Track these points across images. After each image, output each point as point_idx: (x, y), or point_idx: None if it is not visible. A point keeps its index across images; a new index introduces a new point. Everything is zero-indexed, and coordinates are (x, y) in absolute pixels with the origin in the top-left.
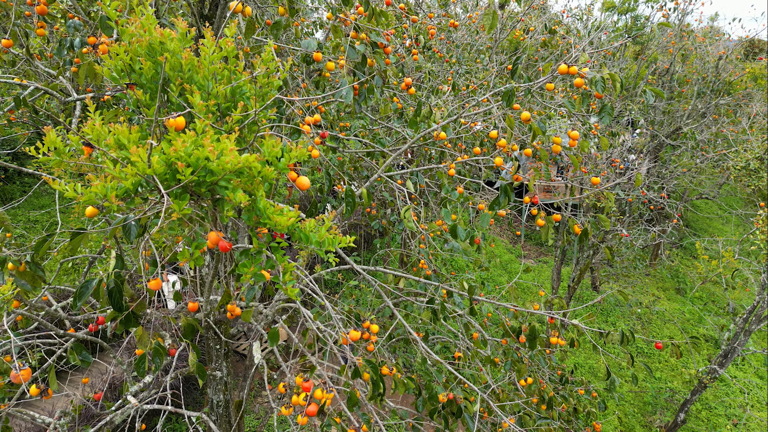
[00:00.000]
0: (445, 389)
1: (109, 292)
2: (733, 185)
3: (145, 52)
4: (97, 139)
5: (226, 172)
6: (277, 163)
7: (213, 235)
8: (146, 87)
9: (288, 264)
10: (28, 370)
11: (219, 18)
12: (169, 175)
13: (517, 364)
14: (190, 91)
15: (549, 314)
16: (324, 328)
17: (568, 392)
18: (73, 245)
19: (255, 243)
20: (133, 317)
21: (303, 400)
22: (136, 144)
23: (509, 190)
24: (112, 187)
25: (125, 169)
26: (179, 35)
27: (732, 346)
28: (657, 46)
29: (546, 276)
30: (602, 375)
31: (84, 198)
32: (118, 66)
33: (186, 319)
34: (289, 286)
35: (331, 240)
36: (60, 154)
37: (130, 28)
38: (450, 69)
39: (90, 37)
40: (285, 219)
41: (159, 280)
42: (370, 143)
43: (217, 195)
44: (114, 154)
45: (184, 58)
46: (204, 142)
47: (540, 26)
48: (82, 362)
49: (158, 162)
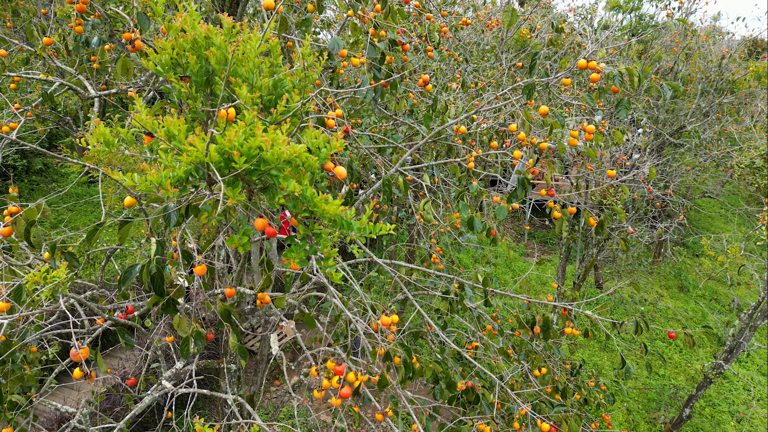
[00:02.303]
0: (462, 378)
1: (151, 278)
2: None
3: (190, 47)
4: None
5: (280, 162)
6: (318, 153)
7: (260, 221)
8: (192, 80)
9: (331, 250)
10: (86, 348)
11: (240, 15)
12: (222, 164)
13: (531, 355)
14: (236, 83)
15: (563, 305)
16: (353, 317)
17: (579, 383)
18: (121, 234)
19: (301, 229)
20: (172, 303)
21: (336, 383)
22: (185, 134)
23: (526, 183)
24: (166, 176)
25: (179, 157)
26: (225, 30)
27: (737, 342)
28: (661, 45)
29: (550, 273)
30: (607, 372)
31: (141, 187)
32: (163, 60)
33: (222, 305)
34: (333, 270)
35: (372, 227)
36: (109, 146)
37: (175, 24)
38: (458, 67)
39: (125, 33)
40: (333, 207)
41: (204, 265)
42: (383, 138)
43: (267, 183)
44: (164, 146)
45: (230, 54)
46: (256, 132)
47: (546, 25)
48: (126, 345)
49: (214, 151)
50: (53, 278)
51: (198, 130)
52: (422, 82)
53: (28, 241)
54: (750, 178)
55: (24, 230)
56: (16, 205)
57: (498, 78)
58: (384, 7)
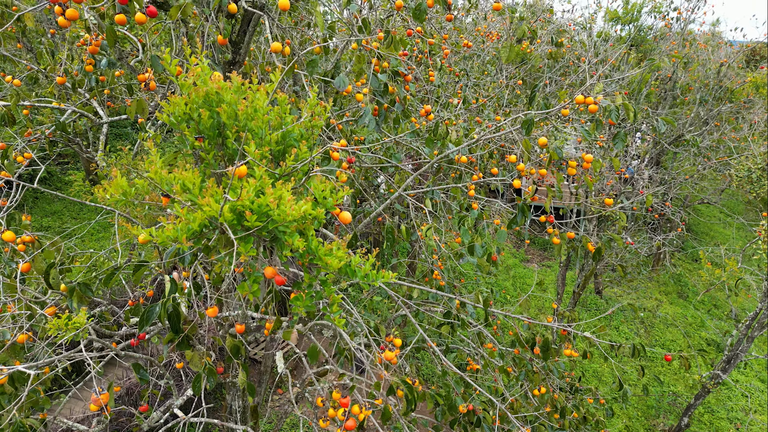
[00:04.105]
0: (463, 400)
1: (168, 317)
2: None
3: (202, 101)
4: (159, 180)
5: (286, 221)
6: (325, 203)
7: (269, 269)
8: (204, 133)
9: (335, 296)
10: (106, 394)
11: (246, 44)
12: (235, 221)
13: (531, 374)
14: (246, 139)
15: (562, 327)
16: (357, 346)
17: (578, 401)
18: (136, 277)
19: (306, 277)
20: (186, 340)
21: (341, 415)
22: (199, 188)
23: (526, 210)
24: (182, 230)
25: (194, 215)
26: (234, 87)
27: (735, 352)
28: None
29: (550, 280)
30: (606, 378)
31: (159, 240)
32: (177, 114)
33: (231, 340)
34: (336, 316)
35: (375, 275)
36: (126, 196)
37: (188, 81)
38: (458, 82)
39: (140, 75)
40: (335, 261)
41: (216, 308)
42: (384, 158)
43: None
44: (180, 197)
45: (240, 110)
46: (266, 191)
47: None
48: (141, 380)
49: (227, 210)
50: (74, 324)
51: (211, 182)
52: (424, 112)
53: (47, 282)
54: (748, 187)
55: (44, 272)
56: (30, 235)
57: (499, 93)
58: (387, 37)
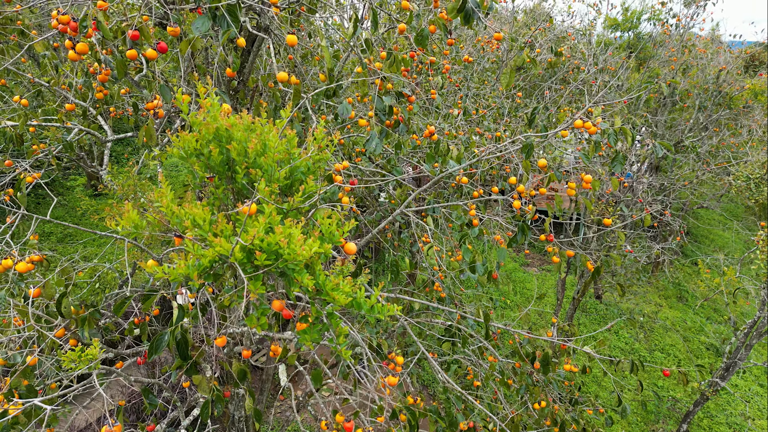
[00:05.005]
0: (464, 416)
1: (177, 344)
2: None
3: (212, 137)
4: (170, 214)
5: (296, 261)
6: (332, 237)
7: (277, 302)
8: (214, 169)
9: (342, 328)
10: (119, 426)
11: (251, 63)
12: (245, 259)
13: (531, 388)
14: (255, 175)
15: (562, 341)
16: (360, 370)
17: (578, 413)
18: (145, 306)
19: (314, 310)
20: (194, 366)
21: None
22: (210, 224)
23: (526, 229)
24: (193, 266)
25: (205, 252)
26: (244, 125)
27: (733, 360)
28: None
29: (550, 284)
30: (606, 383)
31: (171, 278)
32: (188, 150)
33: (238, 365)
34: (343, 348)
35: (381, 308)
36: (138, 229)
37: (199, 118)
38: (459, 92)
39: (148, 103)
40: (343, 298)
41: (225, 337)
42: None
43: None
44: (190, 233)
45: (250, 148)
46: (275, 229)
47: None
48: (150, 405)
49: (237, 251)
50: (88, 356)
51: (220, 217)
52: (428, 133)
53: (59, 311)
54: (747, 193)
55: (57, 301)
56: (39, 254)
57: (499, 103)
58: (389, 57)
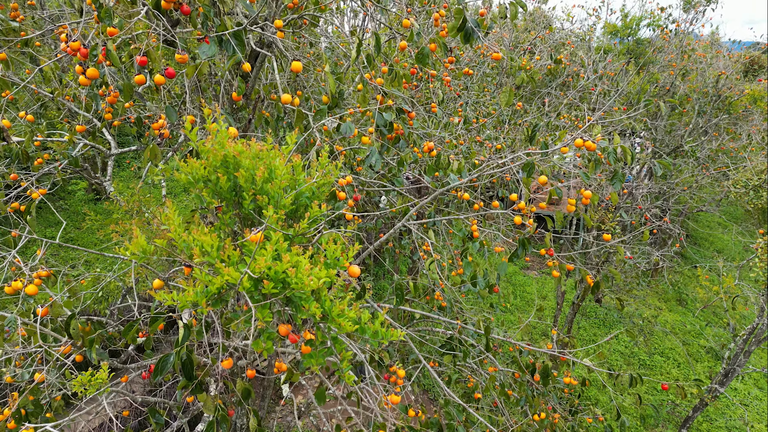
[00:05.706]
0: (465, 429)
1: (182, 365)
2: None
3: (220, 164)
4: (178, 240)
5: (303, 290)
6: (337, 263)
7: (283, 328)
8: (222, 195)
9: (346, 353)
10: None
11: (254, 78)
12: (253, 288)
13: (531, 400)
14: (262, 201)
15: (561, 354)
16: (364, 386)
17: (577, 423)
18: (152, 329)
19: (319, 335)
20: (200, 386)
21: None
22: (217, 249)
23: (527, 244)
24: (201, 292)
25: (214, 279)
26: (252, 153)
27: (732, 367)
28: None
29: (550, 288)
30: (607, 385)
31: (180, 305)
32: (195, 176)
33: (242, 384)
34: (347, 372)
35: (385, 333)
36: (146, 253)
37: (207, 146)
38: (459, 100)
39: (154, 123)
40: (348, 324)
41: (231, 360)
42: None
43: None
44: (197, 260)
45: (258, 176)
46: (282, 257)
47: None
48: (155, 424)
49: (246, 281)
50: (98, 380)
51: (228, 243)
52: (428, 149)
53: (68, 332)
54: (746, 198)
55: (65, 323)
56: (46, 269)
57: (499, 111)
58: (391, 72)
